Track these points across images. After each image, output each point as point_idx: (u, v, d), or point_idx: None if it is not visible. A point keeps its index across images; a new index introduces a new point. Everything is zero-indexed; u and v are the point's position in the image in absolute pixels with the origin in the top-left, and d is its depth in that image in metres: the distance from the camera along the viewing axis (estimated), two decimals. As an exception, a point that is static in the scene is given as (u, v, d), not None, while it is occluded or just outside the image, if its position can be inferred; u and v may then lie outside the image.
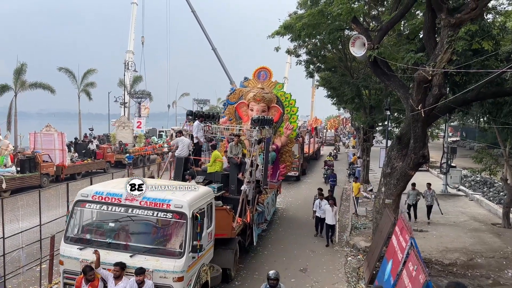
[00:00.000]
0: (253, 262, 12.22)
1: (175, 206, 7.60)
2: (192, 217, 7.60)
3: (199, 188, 9.02)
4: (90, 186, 8.64)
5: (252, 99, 17.52)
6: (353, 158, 31.06)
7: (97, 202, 7.85)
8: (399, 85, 11.62)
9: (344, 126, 79.85)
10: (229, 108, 18.57)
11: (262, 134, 13.41)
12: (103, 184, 8.99)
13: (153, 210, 7.68)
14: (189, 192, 8.33)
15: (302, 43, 19.77)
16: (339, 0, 10.75)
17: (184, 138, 12.69)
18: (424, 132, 11.32)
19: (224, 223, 10.16)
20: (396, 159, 12.06)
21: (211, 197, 9.13)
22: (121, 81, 46.03)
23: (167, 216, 7.68)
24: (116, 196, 7.80)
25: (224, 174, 12.70)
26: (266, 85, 18.48)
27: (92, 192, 7.94)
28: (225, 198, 11.79)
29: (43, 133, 25.09)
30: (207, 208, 8.60)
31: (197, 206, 7.99)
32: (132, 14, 49.75)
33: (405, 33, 14.08)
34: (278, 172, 18.31)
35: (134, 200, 7.73)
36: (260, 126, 13.20)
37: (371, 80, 19.74)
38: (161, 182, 9.13)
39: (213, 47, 49.67)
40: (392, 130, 22.52)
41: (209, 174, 12.46)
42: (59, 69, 40.37)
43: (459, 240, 14.13)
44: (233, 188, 12.40)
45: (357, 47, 11.35)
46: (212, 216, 9.10)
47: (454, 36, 9.25)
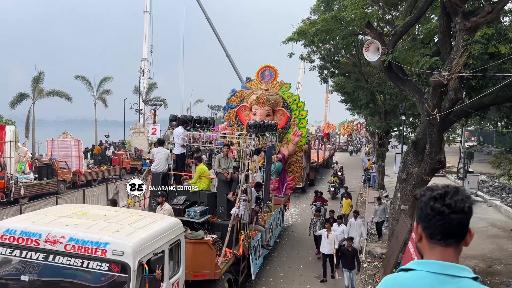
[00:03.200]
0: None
1: (114, 253, 5.17)
2: (139, 269, 5.27)
3: (161, 220, 6.57)
4: (6, 220, 6.36)
5: (254, 102, 15.69)
6: (368, 164, 30.81)
7: (6, 245, 5.46)
8: (414, 89, 11.52)
9: (359, 131, 79.27)
10: (229, 113, 16.80)
11: (261, 143, 11.46)
12: (29, 215, 6.53)
13: (82, 258, 5.20)
14: (142, 228, 5.86)
15: (315, 49, 19.72)
16: (352, 6, 10.74)
17: (162, 149, 10.73)
18: (440, 137, 11.19)
19: (205, 260, 8.13)
20: (412, 164, 11.93)
21: (178, 232, 6.53)
22: (136, 88, 46.52)
23: (102, 267, 5.17)
24: (34, 237, 5.40)
25: (211, 193, 10.60)
26: (271, 85, 16.64)
27: (1, 230, 5.58)
28: (211, 224, 10.00)
29: (60, 140, 25.54)
30: (170, 249, 6.19)
31: (150, 250, 5.55)
32: (145, 23, 50.79)
33: (419, 37, 13.98)
34: (285, 185, 16.02)
35: (56, 243, 5.29)
36: (258, 133, 11.22)
37: (386, 85, 19.61)
38: (107, 211, 6.65)
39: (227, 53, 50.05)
40: (408, 135, 22.30)
41: (193, 194, 10.35)
42: (76, 77, 41.02)
43: (478, 246, 13.87)
44: (221, 211, 10.26)
45: (371, 52, 11.32)
46: (180, 259, 6.65)
47: (470, 40, 9.14)
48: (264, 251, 12.05)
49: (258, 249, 11.24)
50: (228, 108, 16.88)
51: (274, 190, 14.77)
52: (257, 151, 11.16)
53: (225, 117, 16.95)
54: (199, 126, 12.24)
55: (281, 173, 15.80)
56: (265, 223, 12.18)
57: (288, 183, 16.30)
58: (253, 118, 14.77)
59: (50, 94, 34.72)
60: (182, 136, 11.13)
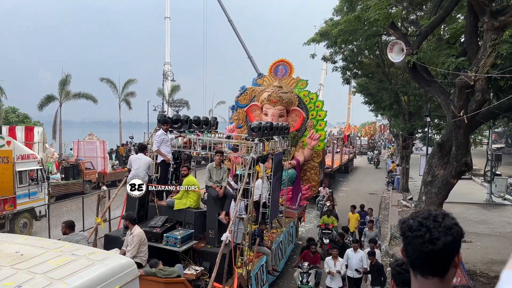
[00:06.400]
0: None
1: None
2: None
3: (102, 263, 4.36)
4: None
5: (266, 101, 13.87)
6: (392, 166, 30.39)
7: None
8: (439, 91, 11.32)
9: (382, 132, 78.15)
10: (238, 113, 14.91)
11: (266, 149, 9.58)
12: None
13: None
14: (63, 280, 3.83)
15: (338, 50, 19.57)
16: (376, 6, 10.64)
17: (142, 157, 8.79)
18: (467, 139, 10.95)
19: None
20: (437, 167, 11.70)
21: (125, 280, 4.42)
22: (160, 91, 47.21)
23: None
24: None
25: (200, 212, 8.64)
26: (285, 82, 14.72)
27: None
28: (198, 252, 8.02)
29: (86, 142, 26.12)
30: None
31: None
32: (167, 28, 52.12)
33: (445, 37, 13.73)
34: (299, 195, 13.96)
35: None
36: (263, 137, 9.25)
37: (410, 85, 19.33)
38: (28, 248, 4.54)
39: (249, 55, 50.12)
40: (433, 137, 21.90)
41: (178, 212, 8.48)
42: (101, 80, 41.86)
43: (506, 251, 13.49)
44: (211, 235, 8.23)
45: (395, 52, 11.16)
46: None
47: (497, 40, 8.93)
48: (270, 278, 10.02)
49: (262, 277, 9.29)
50: (237, 107, 15.04)
51: (287, 201, 13.14)
52: (262, 159, 9.34)
53: (233, 117, 15.08)
54: (197, 128, 10.47)
55: (295, 181, 13.92)
56: (272, 243, 10.27)
57: (303, 192, 14.28)
58: (264, 119, 13.17)
59: (76, 96, 35.56)
60: (160, 140, 9.10)
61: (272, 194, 10.41)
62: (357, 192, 24.88)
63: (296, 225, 13.89)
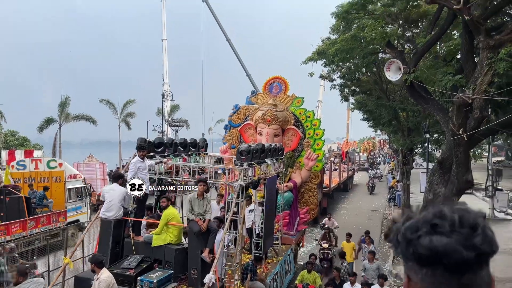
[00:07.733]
0: None
1: None
2: None
3: None
4: None
5: (260, 120, 13.19)
6: (393, 182, 30.29)
7: None
8: (437, 108, 11.33)
9: (382, 148, 77.98)
10: (231, 132, 14.22)
11: (257, 173, 8.84)
12: None
13: None
14: None
15: (335, 68, 19.70)
16: (372, 26, 10.74)
17: (117, 187, 8.06)
18: (467, 156, 10.91)
19: None
20: (438, 184, 11.64)
21: None
22: (159, 110, 47.41)
23: None
24: None
25: (181, 249, 7.83)
26: (280, 100, 14.07)
27: None
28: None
29: (85, 163, 26.05)
30: None
31: None
32: (164, 50, 53.28)
33: (441, 54, 13.83)
34: (297, 220, 13.11)
35: None
36: (252, 161, 8.30)
37: (408, 102, 19.38)
38: None
39: (247, 73, 50.67)
40: (433, 152, 21.86)
41: (156, 249, 7.75)
42: (101, 101, 42.09)
43: (511, 269, 13.32)
44: (194, 275, 7.44)
45: (393, 71, 11.22)
46: None
47: (494, 58, 8.98)
48: None
49: None
50: (231, 127, 14.32)
51: (284, 226, 12.20)
52: (253, 185, 8.66)
53: (226, 138, 14.33)
54: (184, 151, 9.65)
55: (292, 205, 12.98)
56: (267, 276, 9.40)
57: (301, 217, 13.45)
58: (259, 139, 12.85)
59: (75, 118, 35.69)
60: (135, 168, 8.28)
61: (265, 222, 9.53)
62: (358, 210, 24.72)
63: (294, 252, 12.92)
